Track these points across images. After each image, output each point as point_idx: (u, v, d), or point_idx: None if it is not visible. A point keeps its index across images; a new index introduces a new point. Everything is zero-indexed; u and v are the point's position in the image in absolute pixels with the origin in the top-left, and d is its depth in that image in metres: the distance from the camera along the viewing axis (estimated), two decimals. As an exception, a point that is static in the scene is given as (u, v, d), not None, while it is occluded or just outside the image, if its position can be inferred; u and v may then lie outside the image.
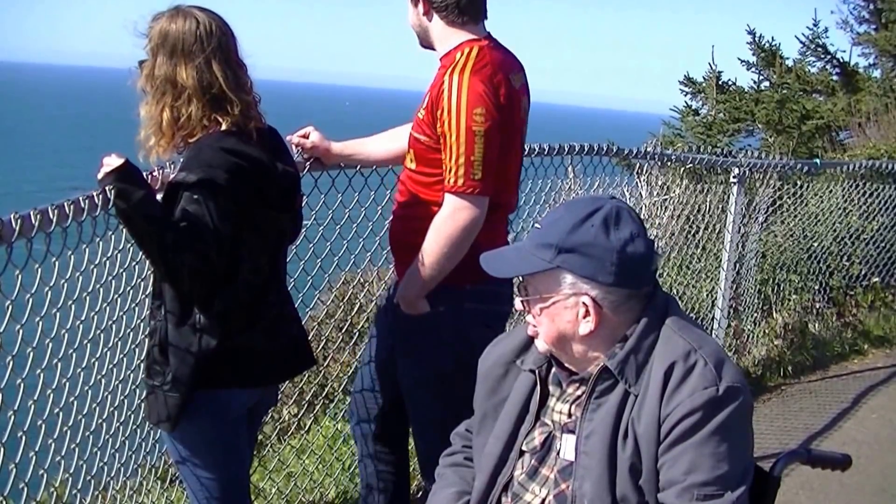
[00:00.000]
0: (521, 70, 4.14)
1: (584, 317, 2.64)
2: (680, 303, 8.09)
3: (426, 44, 4.12)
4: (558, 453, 2.74)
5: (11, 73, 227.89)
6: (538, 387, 2.81)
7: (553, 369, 2.81)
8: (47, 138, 64.01)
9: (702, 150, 9.12)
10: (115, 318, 4.04)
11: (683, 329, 2.66)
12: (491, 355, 2.96)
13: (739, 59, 16.32)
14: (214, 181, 3.43)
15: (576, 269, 2.61)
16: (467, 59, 3.93)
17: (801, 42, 16.22)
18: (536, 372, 2.81)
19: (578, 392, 2.73)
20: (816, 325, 9.53)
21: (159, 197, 3.55)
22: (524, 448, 2.81)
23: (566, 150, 6.08)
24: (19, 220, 3.09)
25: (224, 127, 3.57)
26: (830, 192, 10.17)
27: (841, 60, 16.32)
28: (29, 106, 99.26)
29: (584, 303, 2.63)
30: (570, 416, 2.73)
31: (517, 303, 2.78)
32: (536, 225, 2.75)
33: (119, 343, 4.13)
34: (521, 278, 2.76)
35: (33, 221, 3.17)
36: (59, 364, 3.64)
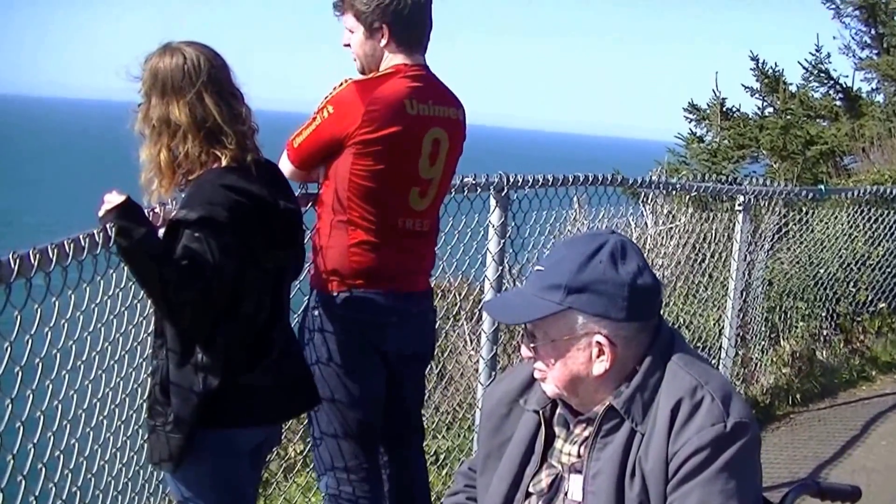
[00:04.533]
0: (444, 104, 4.33)
1: (598, 356, 2.59)
2: (687, 332, 8.07)
3: (370, 70, 4.31)
4: (566, 494, 2.69)
5: (14, 106, 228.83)
6: (542, 427, 2.77)
7: (558, 409, 2.76)
8: (48, 171, 64.17)
9: (707, 177, 9.08)
10: (116, 358, 4.01)
11: (689, 364, 2.62)
12: (494, 393, 2.91)
13: (743, 85, 16.32)
14: (215, 218, 3.40)
15: (587, 308, 2.56)
16: (375, 75, 4.24)
17: (804, 67, 16.23)
18: (540, 412, 2.77)
19: (585, 433, 2.68)
20: (824, 352, 9.50)
21: (161, 234, 3.53)
22: (531, 490, 2.76)
23: (570, 180, 6.05)
24: (18, 260, 3.06)
25: (224, 162, 3.55)
26: (836, 218, 10.15)
27: (844, 85, 16.32)
28: (31, 138, 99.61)
29: (597, 342, 2.58)
30: (578, 457, 2.68)
31: (524, 351, 2.72)
32: (538, 267, 2.69)
33: (121, 382, 4.09)
34: (525, 325, 2.71)
35: (33, 261, 3.14)
36: (60, 405, 3.60)
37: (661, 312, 2.74)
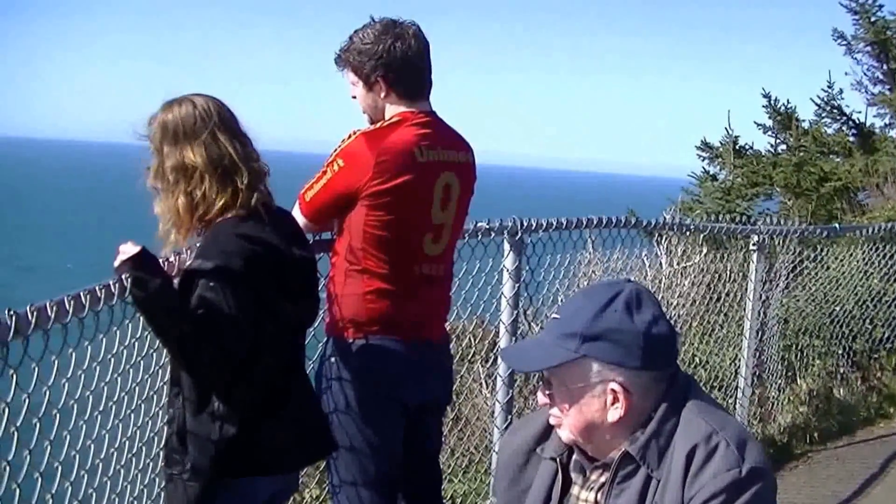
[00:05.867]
0: (452, 148, 4.36)
1: (613, 403, 2.59)
2: (703, 372, 8.05)
3: (377, 120, 4.33)
4: None
5: (16, 148, 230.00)
6: (559, 475, 2.77)
7: (574, 456, 2.76)
8: (54, 213, 64.59)
9: (721, 215, 9.09)
10: (133, 407, 4.01)
11: (704, 411, 2.62)
12: (510, 444, 2.91)
13: (756, 122, 16.30)
14: (231, 268, 3.42)
15: (603, 357, 2.57)
16: (382, 125, 4.25)
17: (816, 104, 16.20)
18: (557, 460, 2.77)
19: (601, 479, 2.68)
20: (841, 389, 9.45)
21: (175, 282, 3.55)
22: None
23: (584, 223, 6.06)
24: (35, 312, 3.08)
25: (237, 209, 3.57)
26: (851, 255, 10.12)
27: (857, 121, 16.29)
28: (34, 180, 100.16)
29: (612, 389, 2.58)
30: (595, 503, 2.69)
31: (540, 397, 2.73)
32: (554, 315, 2.71)
33: (138, 431, 4.09)
34: (543, 373, 2.72)
35: (50, 313, 3.16)
36: (77, 455, 3.60)
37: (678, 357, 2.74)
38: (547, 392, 2.70)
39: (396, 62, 4.21)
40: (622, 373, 2.57)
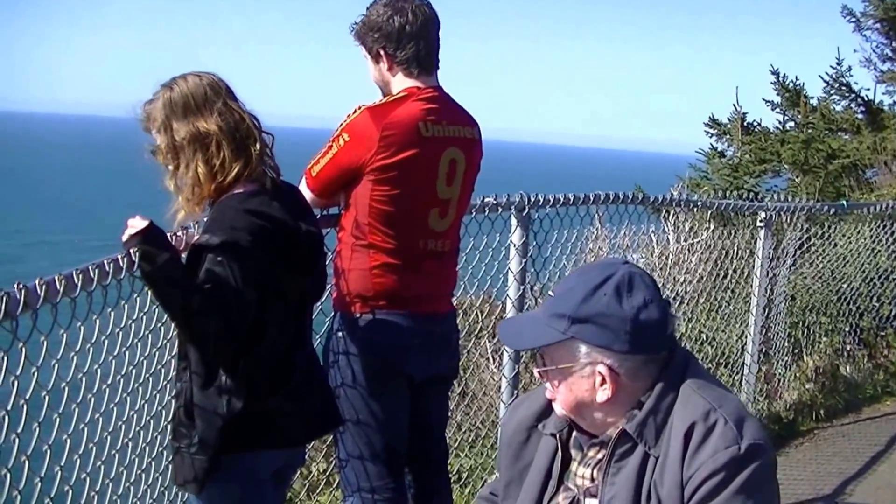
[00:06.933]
0: (458, 123, 4.36)
1: (601, 385, 2.60)
2: (709, 348, 8.05)
3: (386, 93, 4.37)
4: None
5: (17, 122, 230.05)
6: (559, 451, 2.78)
7: (574, 433, 2.77)
8: (60, 188, 64.67)
9: (728, 192, 9.06)
10: (140, 381, 4.03)
11: (702, 388, 2.62)
12: (512, 420, 2.92)
13: (764, 99, 16.24)
14: (238, 243, 3.42)
15: (590, 340, 2.58)
16: (388, 100, 4.27)
17: (825, 81, 16.13)
18: (557, 436, 2.78)
19: (599, 455, 2.70)
20: (848, 367, 9.45)
21: (183, 257, 3.55)
22: None
23: (591, 199, 6.06)
24: (44, 286, 3.09)
25: (246, 179, 3.57)
26: (858, 232, 10.10)
27: (865, 99, 16.23)
28: (38, 155, 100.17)
29: (599, 371, 2.59)
30: (592, 480, 2.70)
31: (535, 373, 2.75)
32: (550, 292, 2.72)
33: (146, 405, 4.11)
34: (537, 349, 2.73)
35: (58, 286, 3.17)
36: (86, 428, 3.62)
37: (676, 338, 2.73)
38: (539, 369, 2.73)
39: (395, 34, 4.25)
40: (610, 356, 2.59)
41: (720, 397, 2.61)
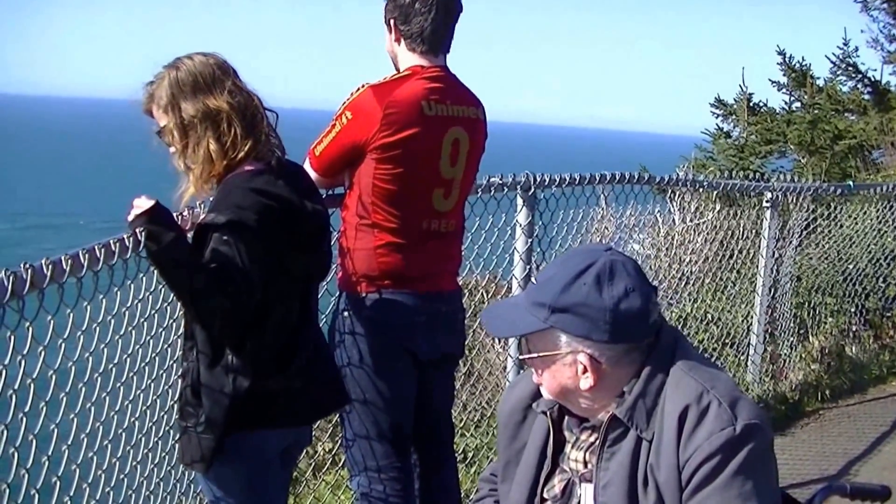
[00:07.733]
0: (462, 104, 4.37)
1: (583, 373, 2.59)
2: (715, 329, 8.05)
3: (396, 67, 4.39)
4: (579, 502, 2.70)
5: (20, 105, 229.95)
6: (551, 431, 2.78)
7: (566, 415, 2.77)
8: (64, 170, 64.73)
9: (734, 173, 9.06)
10: (147, 361, 4.04)
11: (693, 369, 2.60)
12: (509, 401, 2.92)
13: (770, 80, 16.20)
14: (244, 222, 3.42)
15: (569, 329, 2.56)
16: (391, 78, 4.29)
17: (831, 62, 16.08)
18: (548, 414, 2.77)
19: (591, 439, 2.69)
20: (853, 347, 9.46)
21: (189, 237, 3.55)
22: (546, 496, 2.76)
23: (597, 178, 6.05)
24: (50, 266, 3.10)
25: (255, 157, 3.57)
26: (865, 213, 10.09)
27: (872, 79, 16.18)
28: (42, 137, 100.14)
29: (580, 361, 2.58)
30: (585, 464, 2.69)
31: (518, 359, 2.75)
32: (533, 279, 2.71)
33: (152, 385, 4.12)
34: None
35: (65, 266, 3.18)
36: (93, 408, 3.63)
37: (662, 321, 2.70)
38: (522, 356, 2.73)
39: (405, 7, 4.27)
40: (591, 345, 2.57)
41: (712, 378, 2.59)
